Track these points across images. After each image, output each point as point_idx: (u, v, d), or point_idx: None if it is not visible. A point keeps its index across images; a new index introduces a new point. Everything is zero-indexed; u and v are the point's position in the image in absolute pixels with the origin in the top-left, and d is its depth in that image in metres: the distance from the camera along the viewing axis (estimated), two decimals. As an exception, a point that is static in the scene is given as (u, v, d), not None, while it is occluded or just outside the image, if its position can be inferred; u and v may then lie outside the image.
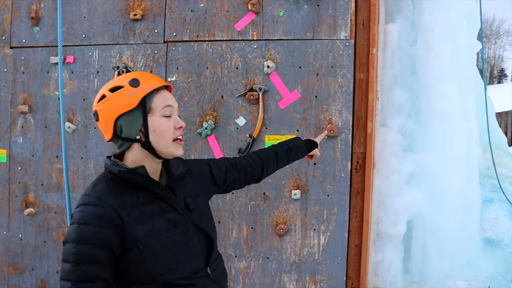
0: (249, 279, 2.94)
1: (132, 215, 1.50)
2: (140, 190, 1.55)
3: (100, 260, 1.46)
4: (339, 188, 2.84)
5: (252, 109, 2.88)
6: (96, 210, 1.47)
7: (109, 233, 1.46)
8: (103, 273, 1.46)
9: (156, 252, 1.51)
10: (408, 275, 3.11)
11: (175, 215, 1.57)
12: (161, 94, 1.58)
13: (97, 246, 1.45)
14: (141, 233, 1.49)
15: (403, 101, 3.07)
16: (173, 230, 1.55)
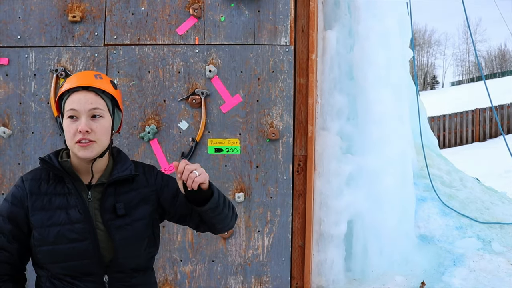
0: (195, 283, 2.94)
1: (36, 203, 1.62)
2: (60, 182, 1.66)
3: (5, 233, 1.62)
4: (282, 190, 2.91)
5: (194, 113, 2.89)
6: (15, 190, 1.66)
7: (17, 211, 1.62)
8: (7, 244, 1.62)
9: (44, 242, 1.60)
10: (350, 273, 3.23)
11: (75, 212, 1.63)
12: (73, 96, 1.65)
13: (6, 220, 1.62)
14: (37, 221, 1.61)
15: (342, 105, 3.20)
16: (68, 225, 1.61)
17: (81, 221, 1.62)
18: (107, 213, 1.65)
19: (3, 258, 1.62)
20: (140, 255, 1.70)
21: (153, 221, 1.74)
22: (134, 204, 1.70)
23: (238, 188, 2.89)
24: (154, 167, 1.84)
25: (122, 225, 1.66)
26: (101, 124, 1.64)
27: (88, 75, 1.70)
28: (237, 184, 2.89)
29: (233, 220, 1.81)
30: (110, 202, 1.67)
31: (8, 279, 1.63)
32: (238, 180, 2.89)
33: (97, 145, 1.63)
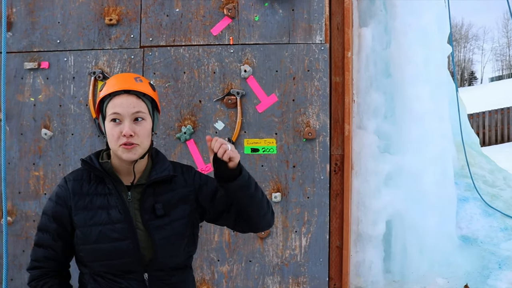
0: (232, 283, 2.93)
1: (80, 202, 1.67)
2: (101, 182, 1.70)
3: (51, 232, 1.69)
4: (319, 190, 2.87)
5: (230, 113, 2.89)
6: (59, 190, 1.71)
7: (61, 211, 1.68)
8: (53, 243, 1.68)
9: (87, 241, 1.65)
10: (389, 274, 3.16)
11: (116, 212, 1.66)
12: (115, 100, 1.68)
13: (51, 219, 1.68)
14: (79, 221, 1.66)
15: (378, 104, 3.14)
16: (109, 225, 1.65)
17: (122, 221, 1.66)
18: (146, 213, 1.68)
19: (49, 255, 1.69)
20: (179, 254, 1.72)
21: (192, 221, 1.76)
22: (173, 204, 1.72)
23: (275, 188, 2.87)
24: (192, 167, 1.85)
25: (161, 225, 1.68)
26: (143, 127, 1.67)
27: (128, 78, 1.73)
28: (273, 184, 2.87)
29: (270, 213, 1.78)
30: (149, 202, 1.70)
31: (54, 275, 1.70)
32: (275, 180, 2.87)
33: (140, 148, 1.67)
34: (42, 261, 1.69)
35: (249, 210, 1.71)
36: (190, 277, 1.79)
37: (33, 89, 3.09)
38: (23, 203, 3.10)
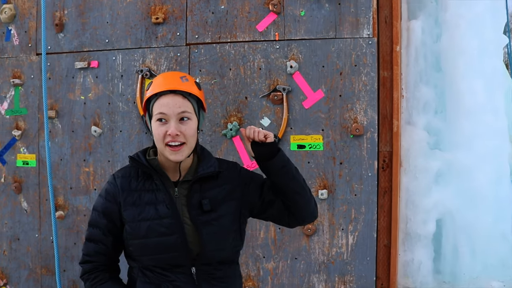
0: (277, 280, 2.93)
1: (129, 198, 1.71)
2: (148, 179, 1.74)
3: (101, 227, 1.73)
4: (366, 187, 2.81)
5: (276, 110, 2.87)
6: (108, 186, 1.75)
7: (111, 207, 1.72)
8: (103, 238, 1.73)
9: (136, 236, 1.68)
10: (439, 275, 3.05)
11: (163, 207, 1.69)
12: (161, 100, 1.70)
13: (101, 215, 1.73)
14: (129, 216, 1.69)
15: (429, 99, 3.03)
16: (157, 220, 1.68)
17: (169, 216, 1.69)
18: (193, 209, 1.72)
19: (100, 250, 1.74)
20: (226, 249, 1.74)
21: (239, 216, 1.78)
22: (219, 200, 1.75)
23: (322, 185, 2.83)
24: (237, 164, 1.90)
25: (208, 220, 1.71)
26: (189, 127, 1.70)
27: (174, 77, 1.74)
28: (320, 181, 2.84)
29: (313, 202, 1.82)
30: (196, 198, 1.73)
31: (104, 269, 1.75)
32: (322, 177, 2.83)
33: (187, 147, 1.70)
34: (93, 255, 1.74)
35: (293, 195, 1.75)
36: (237, 272, 1.82)
37: (83, 88, 3.18)
38: (74, 198, 3.21)
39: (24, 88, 3.32)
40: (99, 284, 1.72)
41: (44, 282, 3.30)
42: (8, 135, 3.37)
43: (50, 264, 3.26)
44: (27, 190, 3.33)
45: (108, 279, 1.74)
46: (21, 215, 3.35)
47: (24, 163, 3.33)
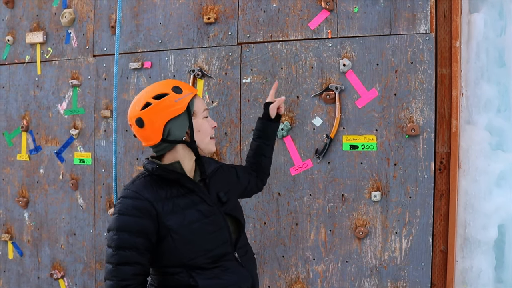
0: (327, 283, 2.87)
1: (165, 207, 1.68)
2: (173, 185, 1.74)
3: (138, 247, 1.65)
4: (422, 189, 2.69)
5: (328, 109, 2.81)
6: (134, 203, 1.66)
7: (145, 223, 1.65)
8: (140, 258, 1.66)
9: (187, 240, 1.69)
10: (501, 285, 2.87)
11: (206, 206, 1.76)
12: (199, 99, 1.83)
13: (135, 234, 1.64)
14: (174, 224, 1.68)
15: (490, 96, 2.85)
16: (203, 220, 1.73)
17: (213, 213, 1.79)
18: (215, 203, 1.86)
19: (138, 271, 1.67)
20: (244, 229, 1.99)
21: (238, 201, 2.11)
22: (227, 189, 1.93)
23: (375, 186, 2.75)
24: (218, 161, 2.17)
25: (232, 208, 1.90)
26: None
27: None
28: (373, 182, 2.75)
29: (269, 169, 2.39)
30: (213, 193, 1.86)
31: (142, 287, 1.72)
32: (375, 179, 2.75)
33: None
34: (131, 279, 1.65)
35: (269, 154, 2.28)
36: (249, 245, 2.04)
37: (137, 88, 3.26)
38: (128, 195, 3.29)
39: (81, 89, 3.44)
40: None
41: (98, 277, 3.41)
42: (66, 134, 3.51)
43: (104, 259, 3.36)
44: (83, 187, 3.45)
45: None
46: (77, 211, 3.49)
47: (81, 161, 3.46)
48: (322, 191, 2.83)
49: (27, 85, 3.66)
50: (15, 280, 3.80)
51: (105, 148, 3.36)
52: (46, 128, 3.59)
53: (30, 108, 3.66)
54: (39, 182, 3.64)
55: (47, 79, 3.57)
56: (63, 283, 3.60)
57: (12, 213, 3.78)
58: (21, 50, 3.66)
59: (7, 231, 3.80)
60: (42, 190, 3.63)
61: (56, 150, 3.55)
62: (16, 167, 3.74)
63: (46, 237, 3.63)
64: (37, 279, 3.70)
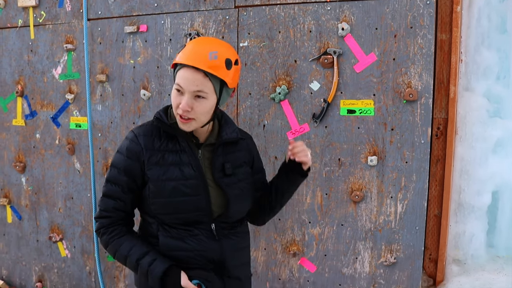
0: (322, 245, 2.91)
1: (153, 157, 1.74)
2: (172, 139, 1.77)
3: (122, 184, 1.76)
4: (418, 155, 2.71)
5: (326, 73, 2.79)
6: (129, 145, 1.76)
7: (132, 165, 1.74)
8: (122, 195, 1.76)
9: (160, 195, 1.73)
10: (493, 249, 2.93)
11: (189, 169, 1.75)
12: (183, 71, 1.70)
13: (122, 172, 1.75)
14: (153, 175, 1.73)
15: (490, 63, 2.83)
16: (181, 181, 1.73)
17: (194, 177, 1.76)
18: (217, 171, 1.80)
19: (118, 206, 1.79)
20: (243, 210, 1.90)
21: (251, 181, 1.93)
22: (238, 165, 1.86)
23: (371, 151, 2.76)
24: (251, 136, 2.06)
25: (230, 183, 1.82)
26: (202, 105, 1.72)
27: (202, 52, 1.68)
28: (370, 147, 2.76)
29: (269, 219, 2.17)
30: (219, 161, 1.82)
31: (122, 223, 1.82)
32: (371, 143, 2.75)
33: (195, 122, 1.75)
34: (111, 211, 1.79)
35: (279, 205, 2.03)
36: (246, 228, 2.00)
37: (132, 52, 3.22)
38: (125, 160, 3.29)
39: (76, 53, 3.39)
40: (117, 238, 1.78)
41: (96, 239, 3.45)
42: (62, 98, 3.48)
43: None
44: (79, 152, 3.45)
45: (126, 233, 1.80)
46: (74, 175, 3.49)
47: (77, 126, 3.44)
48: (318, 155, 2.84)
49: (20, 50, 3.60)
50: (14, 243, 3.84)
51: (101, 113, 3.34)
52: (41, 93, 3.56)
53: (24, 73, 3.61)
54: (35, 147, 3.64)
55: (40, 44, 3.52)
56: (61, 245, 3.64)
57: (10, 178, 3.78)
58: (13, 14, 3.58)
59: (5, 196, 3.82)
60: (39, 155, 3.62)
61: (52, 115, 3.53)
62: (12, 132, 3.72)
63: (44, 201, 3.65)
64: (36, 242, 3.74)
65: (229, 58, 1.72)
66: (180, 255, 1.76)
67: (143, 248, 1.75)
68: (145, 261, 1.71)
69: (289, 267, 3.01)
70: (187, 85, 1.68)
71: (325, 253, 2.92)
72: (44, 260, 3.74)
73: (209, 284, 1.77)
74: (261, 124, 2.91)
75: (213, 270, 1.80)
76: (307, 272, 2.97)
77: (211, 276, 1.79)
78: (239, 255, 1.89)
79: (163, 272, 1.69)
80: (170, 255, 1.76)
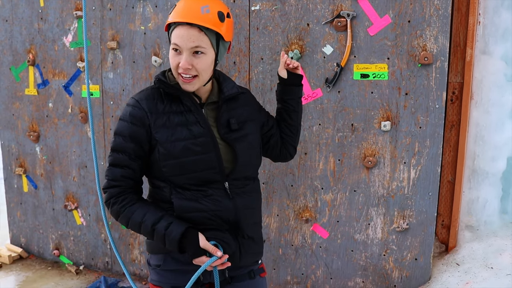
0: (335, 211, 2.92)
1: (158, 120, 1.72)
2: (174, 101, 1.75)
3: (129, 151, 1.73)
4: (432, 120, 2.67)
5: (339, 37, 2.73)
6: (132, 110, 1.73)
7: (138, 130, 1.71)
8: (130, 162, 1.74)
9: (171, 156, 1.71)
10: (506, 216, 2.91)
11: (197, 127, 1.73)
12: (177, 30, 1.69)
13: (128, 139, 1.72)
14: (162, 137, 1.71)
15: (509, 25, 2.75)
16: (191, 140, 1.72)
17: (204, 135, 1.75)
18: (222, 127, 1.80)
19: (126, 174, 1.76)
20: (252, 165, 1.90)
21: (259, 136, 1.94)
22: (243, 120, 1.86)
23: (385, 116, 2.72)
24: (249, 91, 2.05)
25: (237, 137, 1.82)
26: (202, 61, 1.71)
27: (194, 7, 1.69)
28: (383, 112, 2.72)
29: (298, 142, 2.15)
30: (224, 117, 1.82)
31: (132, 192, 1.79)
32: (385, 108, 2.72)
33: (198, 80, 1.74)
34: (120, 180, 1.75)
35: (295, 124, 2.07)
36: (258, 187, 1.97)
37: (143, 18, 3.18)
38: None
39: (86, 20, 3.36)
40: (129, 206, 1.75)
41: (111, 206, 3.50)
42: (73, 67, 3.48)
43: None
44: (92, 121, 3.46)
45: (137, 200, 1.78)
46: (87, 144, 3.52)
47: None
48: (331, 120, 2.81)
49: (30, 18, 3.58)
50: (31, 212, 3.92)
51: (112, 80, 3.34)
52: (52, 62, 3.56)
53: (35, 42, 3.60)
54: (48, 116, 3.66)
55: (50, 11, 3.49)
56: (77, 214, 3.71)
57: (24, 147, 3.83)
58: (23, -19, 3.55)
59: (21, 165, 3.88)
60: (52, 124, 3.65)
61: (64, 84, 3.54)
62: (25, 101, 3.74)
63: (58, 170, 3.70)
64: (52, 210, 3.82)
65: (221, 11, 1.73)
66: (195, 216, 1.76)
67: (158, 213, 1.74)
68: (161, 226, 1.71)
69: (301, 233, 3.03)
70: (184, 42, 1.68)
71: (338, 219, 2.93)
72: (60, 228, 3.82)
73: (226, 245, 1.78)
74: (273, 89, 2.88)
75: (228, 231, 1.81)
76: (320, 238, 2.99)
77: (227, 237, 1.79)
78: (252, 214, 1.89)
79: (181, 235, 1.69)
80: (185, 217, 1.75)
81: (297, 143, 2.13)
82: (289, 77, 2.02)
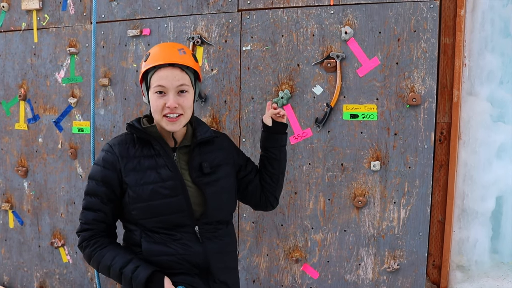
0: (325, 251, 2.89)
1: (129, 164, 1.76)
2: (146, 145, 1.81)
3: (101, 195, 1.77)
4: (421, 160, 2.69)
5: (329, 77, 2.78)
6: (105, 155, 1.79)
7: (109, 174, 1.76)
8: (102, 206, 1.77)
9: (140, 199, 1.74)
10: (497, 255, 2.91)
11: (166, 170, 1.76)
12: (160, 72, 1.76)
13: (100, 183, 1.77)
14: (131, 181, 1.75)
15: (493, 67, 2.83)
16: (159, 183, 1.74)
17: (172, 178, 1.77)
18: (194, 171, 1.83)
19: (98, 218, 1.79)
20: (225, 209, 1.89)
21: (234, 180, 1.95)
22: (217, 163, 1.88)
23: (374, 156, 2.74)
24: (226, 135, 2.08)
25: (209, 181, 1.83)
26: (187, 99, 1.80)
27: (173, 50, 1.80)
28: (373, 152, 2.74)
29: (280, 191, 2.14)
30: (196, 161, 1.84)
31: (104, 235, 1.82)
32: (374, 148, 2.74)
33: (184, 118, 1.81)
34: (92, 223, 1.79)
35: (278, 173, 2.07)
36: (232, 231, 1.98)
37: (135, 56, 3.22)
38: (127, 164, 3.28)
39: (79, 57, 3.40)
40: (99, 249, 1.76)
41: (98, 244, 3.43)
42: (65, 102, 3.48)
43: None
44: (82, 156, 3.44)
45: (108, 244, 1.79)
46: (76, 180, 3.49)
47: (79, 130, 3.44)
48: (321, 160, 2.82)
49: (24, 53, 3.61)
50: (16, 249, 3.83)
51: (103, 117, 3.34)
52: (44, 97, 3.56)
53: (27, 77, 3.62)
54: (38, 151, 3.63)
55: (44, 47, 3.52)
56: (63, 251, 3.63)
57: (12, 182, 3.78)
58: (17, 17, 3.59)
59: (7, 200, 3.82)
60: (41, 159, 3.62)
61: (54, 119, 3.53)
62: (14, 136, 3.72)
63: (46, 206, 3.64)
64: (38, 247, 3.73)
65: (193, 53, 1.93)
66: (163, 260, 1.75)
67: (127, 256, 1.74)
68: (128, 269, 1.70)
69: (291, 273, 2.99)
70: (170, 82, 1.75)
71: (328, 260, 2.90)
72: (45, 266, 3.73)
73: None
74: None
75: (198, 275, 1.79)
76: (310, 278, 2.94)
77: (196, 282, 1.77)
78: (225, 258, 1.86)
79: (147, 278, 1.68)
80: (153, 260, 1.75)
81: (279, 193, 2.12)
82: (273, 125, 2.06)
